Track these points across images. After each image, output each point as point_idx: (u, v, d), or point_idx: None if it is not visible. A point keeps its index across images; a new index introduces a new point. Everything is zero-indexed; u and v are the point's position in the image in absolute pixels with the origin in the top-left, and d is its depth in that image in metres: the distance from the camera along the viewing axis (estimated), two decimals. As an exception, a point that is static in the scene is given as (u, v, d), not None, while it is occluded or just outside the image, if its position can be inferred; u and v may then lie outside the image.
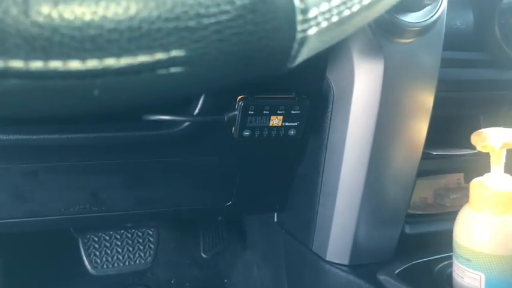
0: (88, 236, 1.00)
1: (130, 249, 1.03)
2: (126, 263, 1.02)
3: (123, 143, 0.66)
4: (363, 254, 0.73)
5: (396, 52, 0.62)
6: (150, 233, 1.03)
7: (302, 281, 0.83)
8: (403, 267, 0.71)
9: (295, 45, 0.24)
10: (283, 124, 0.65)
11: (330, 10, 0.25)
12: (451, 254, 0.66)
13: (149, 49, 0.21)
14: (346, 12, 0.25)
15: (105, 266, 1.01)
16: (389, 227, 0.74)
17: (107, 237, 1.02)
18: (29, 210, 0.72)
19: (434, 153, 0.74)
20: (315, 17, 0.24)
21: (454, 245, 0.65)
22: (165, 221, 1.05)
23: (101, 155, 0.69)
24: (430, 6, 0.59)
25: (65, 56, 0.20)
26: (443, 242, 0.69)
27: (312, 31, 0.24)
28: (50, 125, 0.61)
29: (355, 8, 0.26)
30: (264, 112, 0.64)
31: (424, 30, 0.60)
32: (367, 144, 0.66)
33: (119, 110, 0.26)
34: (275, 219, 0.90)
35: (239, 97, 0.63)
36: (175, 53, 0.22)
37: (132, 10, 0.20)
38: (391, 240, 0.74)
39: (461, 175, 0.84)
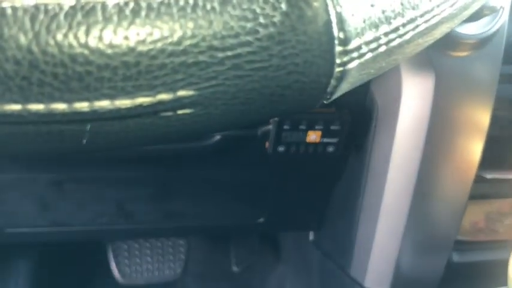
0: (118, 244, 0.98)
1: (160, 258, 1.00)
2: (156, 273, 0.99)
3: (150, 155, 0.63)
4: (405, 282, 0.68)
5: (449, 66, 0.56)
6: (181, 243, 1.01)
7: (337, 306, 0.78)
8: (450, 300, 0.66)
9: (333, 81, 0.20)
10: (321, 140, 0.61)
11: (376, 39, 0.19)
12: (504, 288, 0.60)
13: (150, 89, 0.17)
14: (397, 41, 0.20)
15: (134, 275, 0.98)
16: (435, 254, 0.68)
17: (137, 246, 0.99)
18: (55, 221, 0.71)
19: (489, 176, 0.67)
20: (358, 48, 0.19)
21: (509, 280, 0.58)
22: (194, 235, 1.02)
23: (128, 166, 0.67)
24: (489, 16, 0.53)
25: (47, 98, 0.16)
26: (496, 274, 0.63)
27: (353, 64, 0.19)
28: None
29: (408, 36, 0.21)
30: (301, 127, 0.60)
31: (482, 43, 0.54)
32: (414, 165, 0.61)
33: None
34: (310, 238, 0.86)
35: None
36: (182, 93, 0.17)
37: (131, 42, 0.16)
38: (437, 269, 0.69)
39: (516, 199, 0.77)
